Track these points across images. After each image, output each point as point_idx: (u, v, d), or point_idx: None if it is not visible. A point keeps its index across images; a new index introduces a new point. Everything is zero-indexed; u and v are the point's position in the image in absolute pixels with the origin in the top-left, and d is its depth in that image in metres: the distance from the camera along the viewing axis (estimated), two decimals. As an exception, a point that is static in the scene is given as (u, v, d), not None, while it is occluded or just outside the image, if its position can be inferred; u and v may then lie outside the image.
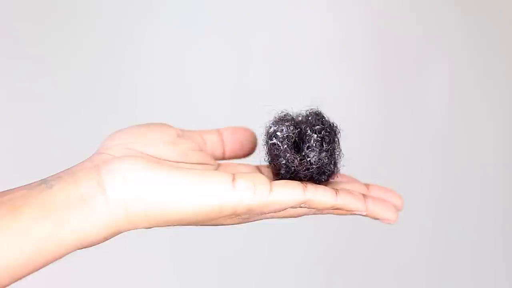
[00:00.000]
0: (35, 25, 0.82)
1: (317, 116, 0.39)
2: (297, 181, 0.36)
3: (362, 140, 0.90)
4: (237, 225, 0.37)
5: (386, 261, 0.96)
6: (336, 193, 0.36)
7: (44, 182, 0.32)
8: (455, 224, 0.98)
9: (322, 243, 0.95)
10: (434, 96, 0.94)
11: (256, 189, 0.34)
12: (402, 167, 0.95)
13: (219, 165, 0.41)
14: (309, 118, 0.38)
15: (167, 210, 0.33)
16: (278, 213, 0.36)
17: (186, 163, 0.38)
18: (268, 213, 0.35)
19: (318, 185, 0.36)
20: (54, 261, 0.31)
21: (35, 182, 0.33)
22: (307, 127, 0.38)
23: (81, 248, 0.32)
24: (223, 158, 0.43)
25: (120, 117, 0.87)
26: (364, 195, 0.39)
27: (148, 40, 0.87)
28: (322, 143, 0.37)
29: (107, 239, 0.33)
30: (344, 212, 0.37)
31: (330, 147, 0.38)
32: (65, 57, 0.84)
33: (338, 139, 0.39)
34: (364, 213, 0.37)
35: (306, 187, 0.35)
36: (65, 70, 0.84)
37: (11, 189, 0.32)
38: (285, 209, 0.35)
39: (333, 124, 0.39)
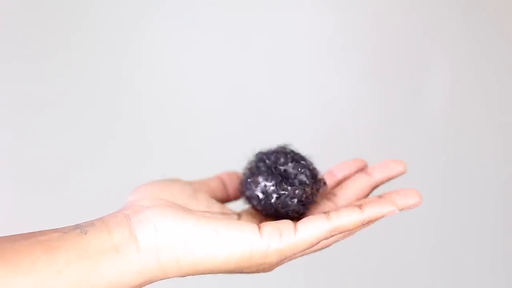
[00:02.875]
0: (34, 26, 0.82)
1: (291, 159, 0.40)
2: (320, 213, 0.36)
3: (362, 140, 0.90)
4: None
5: (386, 261, 0.96)
6: (360, 207, 0.36)
7: (78, 227, 0.33)
8: (455, 224, 0.98)
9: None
10: (434, 95, 0.94)
11: (282, 232, 0.35)
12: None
13: (239, 215, 0.41)
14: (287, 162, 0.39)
15: (198, 258, 0.34)
16: (313, 247, 0.37)
17: (211, 212, 0.38)
18: (302, 252, 0.35)
19: (341, 208, 0.36)
20: None
21: (68, 226, 0.33)
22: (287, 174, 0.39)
23: None
24: (227, 200, 0.44)
25: (120, 118, 0.87)
26: (384, 195, 0.38)
27: (148, 40, 0.87)
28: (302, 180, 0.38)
29: None
30: (378, 219, 0.37)
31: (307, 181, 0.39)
32: (64, 58, 0.84)
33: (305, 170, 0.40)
34: (398, 211, 0.37)
35: (329, 215, 0.35)
36: (64, 71, 0.84)
37: (44, 230, 0.33)
38: (317, 243, 0.35)
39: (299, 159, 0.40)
